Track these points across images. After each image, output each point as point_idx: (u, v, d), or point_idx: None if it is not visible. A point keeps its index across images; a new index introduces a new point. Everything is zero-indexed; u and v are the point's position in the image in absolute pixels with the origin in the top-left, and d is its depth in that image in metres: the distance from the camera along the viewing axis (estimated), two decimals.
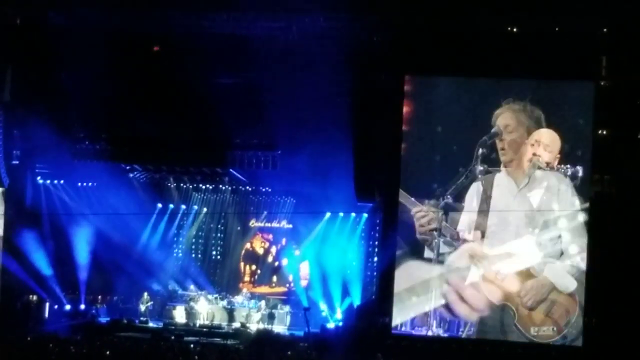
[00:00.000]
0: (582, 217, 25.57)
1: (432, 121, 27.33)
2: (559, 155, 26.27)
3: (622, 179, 29.17)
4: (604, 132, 29.01)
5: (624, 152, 29.15)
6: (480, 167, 25.71)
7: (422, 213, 25.33)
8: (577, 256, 25.49)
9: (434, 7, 29.08)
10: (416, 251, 26.23)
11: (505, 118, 25.85)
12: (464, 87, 28.29)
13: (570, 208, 25.36)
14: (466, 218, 25.73)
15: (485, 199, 25.73)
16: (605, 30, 28.90)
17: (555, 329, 26.07)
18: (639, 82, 29.13)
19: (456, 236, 25.43)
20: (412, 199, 25.89)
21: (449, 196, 25.75)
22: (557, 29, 28.94)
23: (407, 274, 25.94)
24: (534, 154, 25.86)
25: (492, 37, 28.86)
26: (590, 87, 28.64)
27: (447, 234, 25.39)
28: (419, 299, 25.50)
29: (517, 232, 25.58)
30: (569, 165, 25.94)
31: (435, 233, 25.44)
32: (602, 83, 29.11)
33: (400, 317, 27.05)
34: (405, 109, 26.90)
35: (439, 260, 25.37)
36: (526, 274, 25.66)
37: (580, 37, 28.39)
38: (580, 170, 25.97)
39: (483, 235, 25.30)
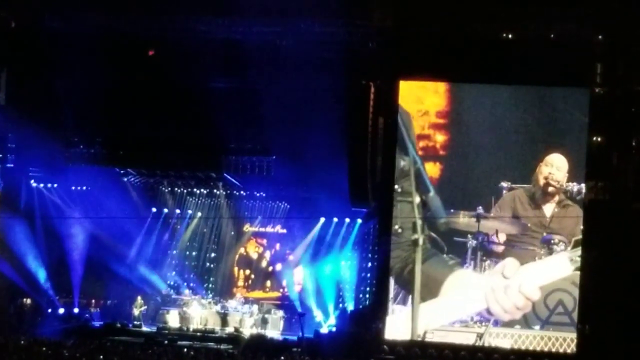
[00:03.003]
0: None
1: (465, 140, 29.54)
2: (567, 174, 28.58)
3: (617, 185, 29.21)
4: (599, 139, 29.09)
5: (619, 159, 29.22)
6: (505, 184, 28.63)
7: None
8: None
9: (429, 14, 29.14)
10: (459, 258, 28.96)
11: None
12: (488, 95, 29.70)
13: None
14: (494, 225, 28.67)
15: (510, 209, 28.71)
16: (600, 37, 28.95)
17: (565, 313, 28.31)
18: (633, 89, 29.17)
19: (487, 239, 28.55)
20: (452, 210, 28.82)
21: (480, 207, 28.50)
22: (552, 35, 29.01)
23: (456, 281, 28.73)
24: (550, 173, 28.49)
25: (487, 43, 28.95)
26: (585, 93, 28.77)
27: (480, 237, 28.46)
28: (464, 302, 28.57)
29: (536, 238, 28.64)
30: (575, 183, 28.46)
31: (470, 236, 28.50)
32: (597, 90, 29.17)
33: (443, 319, 28.97)
34: (442, 137, 29.44)
35: (481, 268, 28.68)
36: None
37: (575, 44, 28.48)
38: (584, 188, 28.45)
39: (507, 239, 28.64)
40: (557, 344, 28.03)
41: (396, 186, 29.46)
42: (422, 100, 29.55)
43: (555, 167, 28.42)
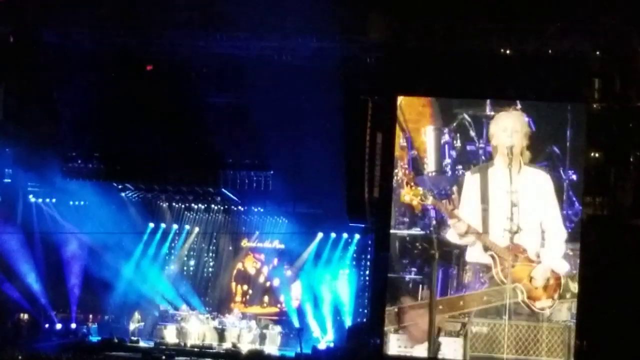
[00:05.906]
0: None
1: None
2: None
3: (615, 201, 29.20)
4: (597, 155, 29.12)
5: (617, 175, 29.23)
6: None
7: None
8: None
9: (426, 29, 29.19)
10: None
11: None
12: None
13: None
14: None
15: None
16: (598, 53, 28.98)
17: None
18: (631, 105, 29.19)
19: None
20: None
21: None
22: (549, 51, 29.04)
23: None
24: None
25: (484, 59, 29.00)
26: (582, 109, 28.84)
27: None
28: None
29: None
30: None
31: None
32: (594, 105, 29.22)
33: None
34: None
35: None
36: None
37: (572, 59, 28.56)
38: None
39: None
40: (523, 331, 28.86)
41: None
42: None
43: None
